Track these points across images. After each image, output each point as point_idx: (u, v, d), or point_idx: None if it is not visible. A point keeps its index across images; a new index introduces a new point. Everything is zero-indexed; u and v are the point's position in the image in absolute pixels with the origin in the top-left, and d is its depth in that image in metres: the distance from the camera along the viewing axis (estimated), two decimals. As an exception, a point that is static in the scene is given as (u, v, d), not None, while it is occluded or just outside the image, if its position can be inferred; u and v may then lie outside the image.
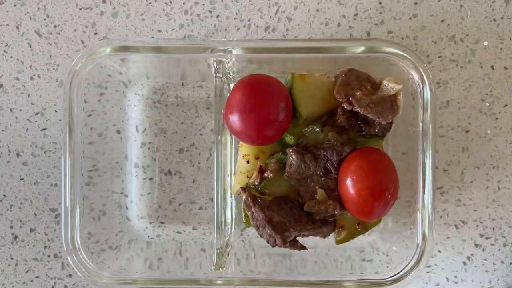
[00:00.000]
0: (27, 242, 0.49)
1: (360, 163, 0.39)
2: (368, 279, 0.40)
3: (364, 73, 0.41)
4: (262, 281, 0.41)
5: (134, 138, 0.48)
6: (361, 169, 0.39)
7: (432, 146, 0.39)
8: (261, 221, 0.39)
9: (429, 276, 0.48)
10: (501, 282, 0.48)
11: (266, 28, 0.47)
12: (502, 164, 0.47)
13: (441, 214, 0.47)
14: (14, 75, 0.48)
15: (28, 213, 0.49)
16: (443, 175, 0.47)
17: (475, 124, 0.47)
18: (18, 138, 0.48)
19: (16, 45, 0.48)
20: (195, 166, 0.48)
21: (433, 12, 0.46)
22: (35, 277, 0.49)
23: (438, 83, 0.47)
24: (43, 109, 0.48)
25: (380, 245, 0.45)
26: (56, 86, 0.48)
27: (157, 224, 0.48)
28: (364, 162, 0.39)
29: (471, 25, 0.46)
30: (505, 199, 0.47)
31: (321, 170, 0.41)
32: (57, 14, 0.48)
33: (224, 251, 0.42)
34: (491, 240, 0.47)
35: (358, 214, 0.40)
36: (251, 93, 0.38)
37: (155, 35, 0.47)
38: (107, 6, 0.47)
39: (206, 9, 0.47)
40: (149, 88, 0.47)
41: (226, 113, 0.39)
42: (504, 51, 0.46)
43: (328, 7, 0.47)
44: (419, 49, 0.46)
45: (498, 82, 0.46)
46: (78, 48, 0.48)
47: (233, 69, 0.43)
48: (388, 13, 0.46)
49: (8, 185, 0.49)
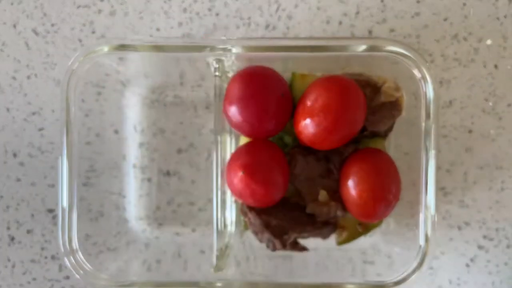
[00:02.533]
0: (24, 243, 0.48)
1: (362, 164, 0.39)
2: (370, 281, 0.40)
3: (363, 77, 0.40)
4: (263, 283, 0.40)
5: (132, 138, 0.48)
6: (363, 171, 0.38)
7: (434, 146, 0.38)
8: (259, 227, 0.39)
9: (432, 278, 0.48)
10: (504, 284, 0.47)
11: (266, 26, 0.47)
12: (506, 164, 0.46)
13: (444, 215, 0.47)
14: (11, 74, 0.48)
15: (25, 214, 0.48)
16: (446, 176, 0.47)
17: (478, 124, 0.46)
18: (15, 138, 0.48)
19: (13, 44, 0.48)
20: (194, 166, 0.48)
21: (435, 11, 0.46)
22: (32, 279, 0.49)
23: (441, 82, 0.46)
24: (40, 109, 0.48)
25: (382, 246, 0.45)
26: (53, 85, 0.48)
27: (155, 226, 0.48)
28: (365, 163, 0.39)
29: (474, 23, 0.46)
30: (509, 200, 0.47)
31: (323, 171, 0.40)
32: (54, 12, 0.47)
33: (223, 253, 0.42)
34: (494, 241, 0.47)
35: (359, 215, 0.40)
36: (249, 81, 0.38)
37: (154, 33, 0.47)
38: (104, 4, 0.47)
39: (205, 7, 0.47)
40: (147, 88, 0.47)
41: (225, 106, 0.39)
42: (507, 50, 0.46)
43: (329, 5, 0.46)
44: (422, 47, 0.46)
45: (501, 81, 0.46)
46: (76, 47, 0.47)
47: (233, 68, 0.42)
48: (390, 11, 0.46)
49: (5, 186, 0.48)
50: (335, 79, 0.38)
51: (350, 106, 0.36)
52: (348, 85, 0.37)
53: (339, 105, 0.36)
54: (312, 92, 0.37)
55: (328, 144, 0.38)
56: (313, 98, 0.37)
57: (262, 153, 0.39)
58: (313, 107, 0.36)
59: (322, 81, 0.38)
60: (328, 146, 0.38)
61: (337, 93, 0.36)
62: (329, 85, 0.37)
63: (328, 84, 0.37)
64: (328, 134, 0.37)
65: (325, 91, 0.36)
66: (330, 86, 0.37)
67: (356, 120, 0.37)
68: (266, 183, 0.38)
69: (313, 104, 0.36)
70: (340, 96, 0.36)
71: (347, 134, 0.37)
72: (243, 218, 0.41)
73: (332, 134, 0.37)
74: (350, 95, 0.37)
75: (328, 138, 0.37)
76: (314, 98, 0.37)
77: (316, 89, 0.37)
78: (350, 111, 0.36)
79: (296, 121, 0.38)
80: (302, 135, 0.38)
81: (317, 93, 0.37)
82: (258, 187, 0.37)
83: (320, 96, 0.36)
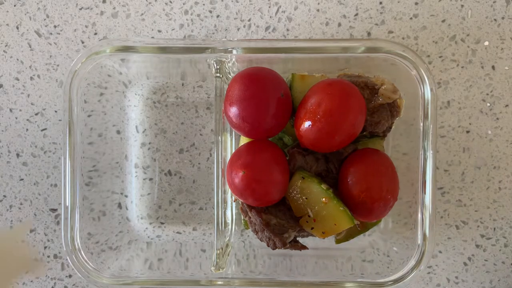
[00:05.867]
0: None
1: (360, 164, 0.39)
2: (368, 280, 0.40)
3: (362, 78, 0.40)
4: (263, 282, 0.40)
5: (134, 139, 0.48)
6: (361, 170, 0.39)
7: (432, 146, 0.38)
8: (259, 225, 0.39)
9: (430, 276, 0.48)
10: (502, 283, 0.48)
11: (267, 28, 0.47)
12: (503, 164, 0.47)
13: (442, 215, 0.47)
14: (14, 75, 0.48)
15: (28, 214, 0.49)
16: (444, 176, 0.47)
17: (476, 124, 0.47)
18: (18, 138, 0.48)
19: (16, 45, 0.48)
20: (195, 166, 0.48)
21: (433, 12, 0.46)
22: (35, 277, 0.49)
23: (439, 83, 0.46)
24: (43, 109, 0.48)
25: (381, 245, 0.45)
26: (56, 86, 0.48)
27: (157, 225, 0.48)
28: (364, 163, 0.39)
29: (472, 25, 0.46)
30: (506, 199, 0.47)
31: (322, 170, 0.40)
32: (57, 14, 0.48)
33: (224, 251, 0.42)
34: (492, 240, 0.47)
35: (358, 214, 0.40)
36: (249, 82, 0.38)
37: (155, 35, 0.47)
38: (107, 6, 0.47)
39: (206, 9, 0.47)
40: (149, 88, 0.47)
41: (225, 106, 0.39)
42: (505, 51, 0.46)
43: (329, 7, 0.47)
44: (420, 49, 0.46)
45: (499, 82, 0.46)
46: (78, 48, 0.48)
47: (233, 69, 0.42)
48: (389, 13, 0.46)
49: (8, 186, 0.49)
50: (336, 83, 0.38)
51: (351, 111, 0.36)
52: (349, 90, 0.37)
53: (341, 110, 0.36)
54: (313, 96, 0.37)
55: (329, 147, 0.38)
56: (314, 102, 0.37)
57: (262, 153, 0.39)
58: (315, 112, 0.36)
59: (323, 85, 0.38)
60: (329, 149, 0.39)
61: (339, 98, 0.36)
62: (331, 90, 0.37)
63: (329, 89, 0.37)
64: (329, 138, 0.37)
65: (326, 96, 0.36)
66: (331, 91, 0.37)
67: (357, 124, 0.37)
68: (266, 183, 0.38)
69: (314, 108, 0.36)
70: (342, 101, 0.36)
71: (348, 138, 0.38)
72: (244, 217, 0.41)
73: (333, 138, 0.37)
74: (351, 100, 0.37)
75: (329, 142, 0.37)
76: (315, 102, 0.37)
77: (317, 93, 0.37)
78: (351, 116, 0.36)
79: (297, 125, 0.38)
80: (303, 138, 0.38)
81: (318, 98, 0.37)
82: (258, 187, 0.38)
83: (322, 101, 0.36)
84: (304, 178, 0.39)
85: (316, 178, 0.39)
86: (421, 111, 0.39)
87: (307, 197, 0.39)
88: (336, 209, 0.38)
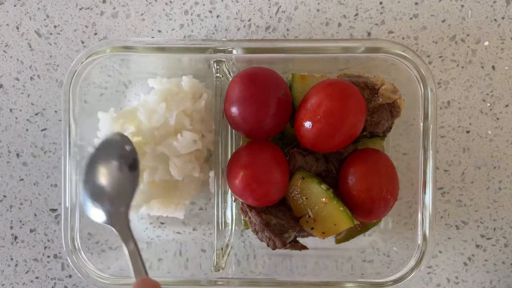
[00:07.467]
0: (27, 242, 0.49)
1: (360, 164, 0.39)
2: (368, 280, 0.40)
3: (362, 78, 0.40)
4: (263, 282, 0.40)
5: (134, 139, 0.48)
6: (361, 171, 0.39)
7: (432, 147, 0.39)
8: (259, 226, 0.39)
9: (430, 276, 0.48)
10: (502, 283, 0.48)
11: (267, 28, 0.47)
12: (503, 164, 0.47)
13: (442, 215, 0.47)
14: (14, 75, 0.48)
15: (28, 214, 0.49)
16: (444, 176, 0.47)
17: (476, 125, 0.47)
18: (18, 138, 0.48)
19: (16, 45, 0.48)
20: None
21: (434, 12, 0.46)
22: (35, 277, 0.49)
23: (439, 83, 0.46)
24: (43, 110, 0.48)
25: (381, 245, 0.45)
26: (56, 86, 0.48)
27: (157, 225, 0.48)
28: (364, 164, 0.39)
29: (472, 25, 0.46)
30: (506, 199, 0.47)
31: (322, 171, 0.40)
32: (57, 14, 0.48)
33: (224, 251, 0.42)
34: (492, 240, 0.47)
35: (358, 214, 0.40)
36: (249, 82, 0.38)
37: (155, 35, 0.47)
38: (107, 6, 0.47)
39: (206, 9, 0.47)
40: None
41: (225, 107, 0.39)
42: (505, 51, 0.46)
43: (329, 7, 0.47)
44: (420, 49, 0.46)
45: (499, 82, 0.46)
46: (78, 48, 0.48)
47: (233, 69, 0.42)
48: (389, 13, 0.46)
49: (8, 186, 0.49)
50: (336, 83, 0.38)
51: (351, 111, 0.36)
52: (349, 90, 0.37)
53: (341, 110, 0.36)
54: (313, 97, 0.37)
55: (329, 148, 0.38)
56: (314, 102, 0.37)
57: (262, 153, 0.39)
58: (315, 113, 0.36)
59: (323, 86, 0.38)
60: (329, 150, 0.39)
61: (339, 99, 0.36)
62: (331, 90, 0.37)
63: (329, 89, 0.37)
64: (329, 139, 0.37)
65: (326, 96, 0.36)
66: (331, 91, 0.37)
67: (357, 125, 0.37)
68: (266, 183, 0.38)
69: (315, 109, 0.37)
70: (342, 101, 0.36)
71: (348, 138, 0.38)
72: (244, 217, 0.41)
73: (334, 139, 0.37)
74: (351, 100, 0.37)
75: (330, 143, 0.37)
76: (315, 102, 0.37)
77: (317, 94, 0.37)
78: (351, 116, 0.36)
79: (298, 126, 0.38)
80: (303, 139, 0.38)
81: (319, 98, 0.37)
82: (258, 187, 0.38)
83: (322, 101, 0.36)
84: (304, 178, 0.39)
85: (316, 178, 0.39)
86: (421, 111, 0.39)
87: (307, 197, 0.39)
88: (336, 209, 0.38)
